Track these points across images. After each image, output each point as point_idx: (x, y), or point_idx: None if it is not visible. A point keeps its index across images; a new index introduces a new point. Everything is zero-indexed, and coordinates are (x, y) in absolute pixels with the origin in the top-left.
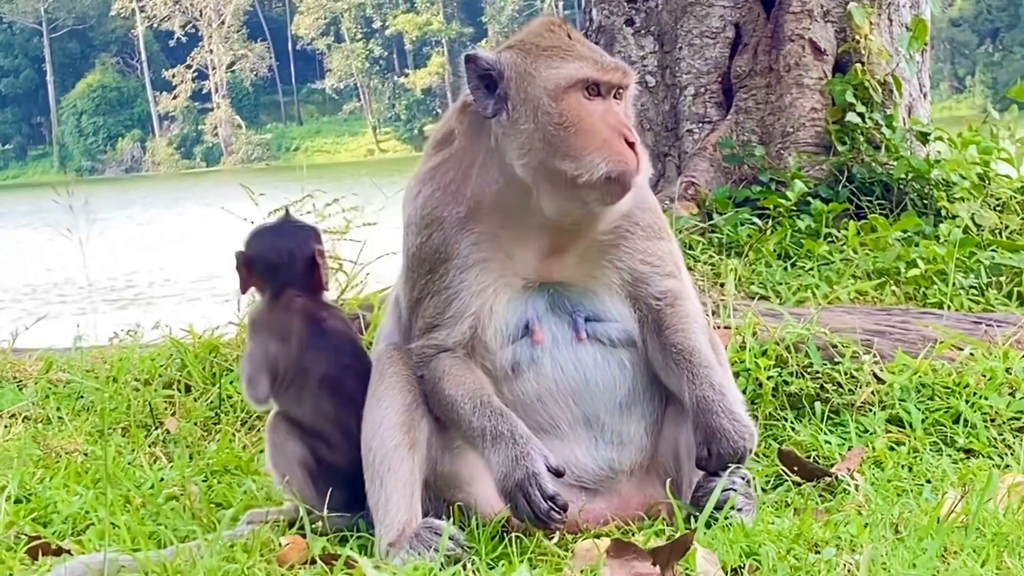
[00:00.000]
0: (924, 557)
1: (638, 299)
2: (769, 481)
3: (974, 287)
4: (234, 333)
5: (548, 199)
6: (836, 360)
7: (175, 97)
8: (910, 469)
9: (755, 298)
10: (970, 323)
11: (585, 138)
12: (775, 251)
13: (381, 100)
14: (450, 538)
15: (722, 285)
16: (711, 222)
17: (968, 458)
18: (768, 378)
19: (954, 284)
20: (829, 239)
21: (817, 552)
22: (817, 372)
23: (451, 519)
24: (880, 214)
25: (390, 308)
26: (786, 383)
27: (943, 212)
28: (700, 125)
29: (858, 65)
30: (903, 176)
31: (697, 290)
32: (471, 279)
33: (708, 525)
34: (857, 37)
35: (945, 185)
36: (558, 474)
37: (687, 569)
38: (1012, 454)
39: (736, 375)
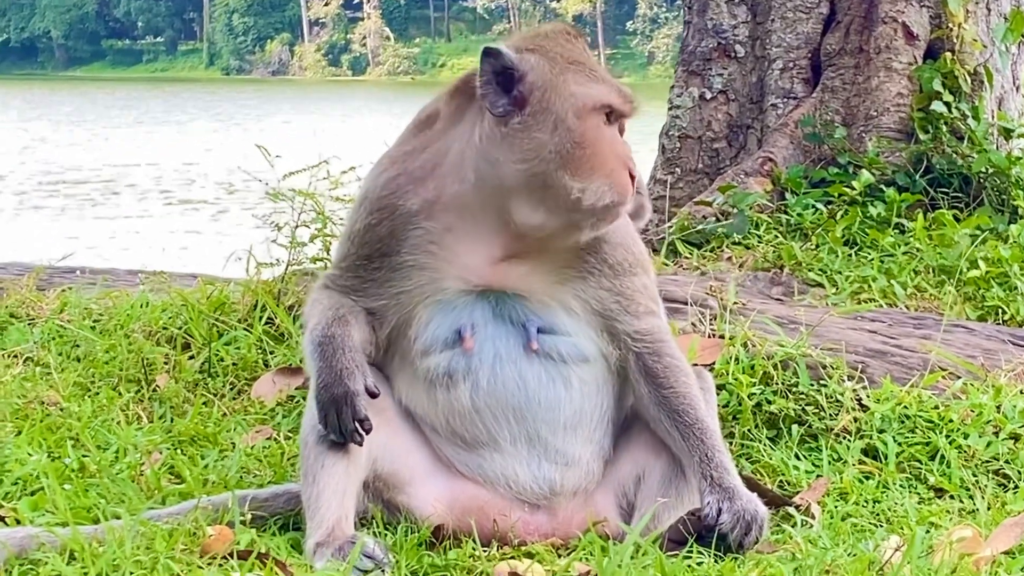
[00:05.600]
0: None
1: (614, 335)
2: None
3: None
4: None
5: (531, 209)
6: (823, 381)
7: (327, 4)
8: (875, 504)
9: (812, 285)
10: (999, 340)
11: (597, 162)
12: (842, 237)
13: (531, 23)
14: (371, 557)
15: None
16: (782, 201)
17: (937, 497)
18: (750, 396)
19: (1014, 288)
20: (898, 229)
21: None
22: (802, 393)
23: (380, 524)
24: (955, 208)
25: None
26: (768, 401)
27: (1020, 211)
28: (785, 100)
29: (948, 53)
30: (982, 171)
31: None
32: (399, 278)
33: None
34: (951, 24)
35: None
36: (372, 395)
37: None
38: (983, 497)
39: (720, 387)
